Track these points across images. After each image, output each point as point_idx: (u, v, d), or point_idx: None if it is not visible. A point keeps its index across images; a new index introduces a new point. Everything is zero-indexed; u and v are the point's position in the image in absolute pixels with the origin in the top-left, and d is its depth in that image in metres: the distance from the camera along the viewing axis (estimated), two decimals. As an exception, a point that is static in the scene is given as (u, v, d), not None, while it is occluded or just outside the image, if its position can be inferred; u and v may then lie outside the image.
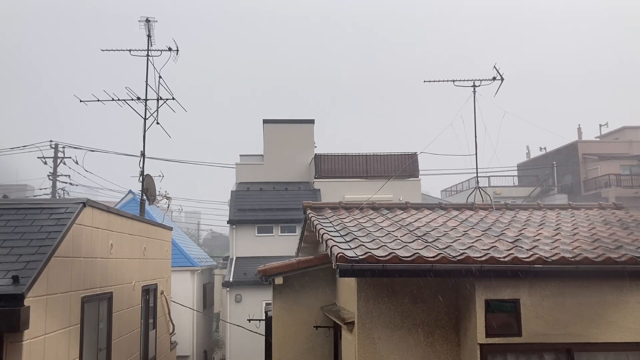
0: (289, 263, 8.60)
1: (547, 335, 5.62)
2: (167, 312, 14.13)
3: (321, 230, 7.14)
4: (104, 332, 8.87)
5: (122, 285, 9.73)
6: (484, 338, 5.57)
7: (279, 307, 8.61)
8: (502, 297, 5.65)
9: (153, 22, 13.93)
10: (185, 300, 18.11)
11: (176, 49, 13.65)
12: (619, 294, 5.73)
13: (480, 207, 9.11)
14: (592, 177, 36.36)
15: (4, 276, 6.04)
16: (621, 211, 9.17)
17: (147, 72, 13.79)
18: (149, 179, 14.31)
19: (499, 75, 10.22)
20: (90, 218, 8.16)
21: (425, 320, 6.12)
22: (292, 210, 21.05)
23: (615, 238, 6.66)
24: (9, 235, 6.93)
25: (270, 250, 20.06)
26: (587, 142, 39.37)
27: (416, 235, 6.66)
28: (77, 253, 7.61)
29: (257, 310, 17.97)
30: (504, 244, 6.19)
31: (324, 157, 23.98)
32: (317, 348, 8.47)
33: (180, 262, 18.89)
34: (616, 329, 5.69)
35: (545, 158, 41.27)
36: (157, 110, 13.77)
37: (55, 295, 6.82)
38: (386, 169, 23.52)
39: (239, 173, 25.46)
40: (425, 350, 6.07)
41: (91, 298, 8.11)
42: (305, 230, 9.62)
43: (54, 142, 26.22)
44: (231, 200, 22.51)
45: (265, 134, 25.91)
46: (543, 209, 9.25)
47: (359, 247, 5.98)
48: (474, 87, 10.37)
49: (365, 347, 5.98)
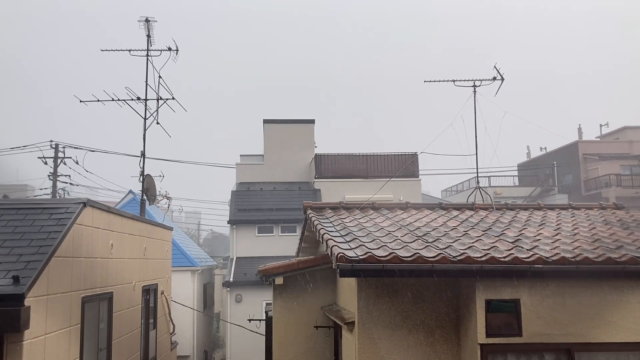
0: (289, 263, 8.61)
1: (548, 335, 5.62)
2: (168, 312, 14.14)
3: (321, 230, 7.14)
4: (104, 332, 8.87)
5: (122, 285, 9.73)
6: (484, 338, 5.57)
7: (279, 307, 8.61)
8: (503, 297, 5.65)
9: (153, 22, 13.93)
10: (186, 300, 18.11)
11: (176, 49, 13.67)
12: (619, 294, 5.73)
13: (481, 207, 9.11)
14: (593, 177, 36.35)
15: (5, 276, 6.04)
16: (622, 211, 9.17)
17: (147, 72, 13.81)
18: (149, 179, 14.32)
19: (499, 75, 10.24)
20: (90, 218, 8.16)
21: (425, 320, 6.12)
22: (293, 210, 21.06)
23: (615, 238, 6.65)
24: (10, 235, 6.93)
25: (270, 251, 20.07)
26: (587, 142, 39.37)
27: (416, 235, 6.66)
28: (77, 253, 7.62)
29: (257, 310, 17.98)
30: (504, 244, 6.19)
31: (324, 157, 23.99)
32: (317, 348, 8.48)
33: (181, 262, 18.89)
34: (616, 329, 5.69)
35: (545, 158, 41.26)
36: (157, 110, 13.79)
37: (55, 295, 6.82)
38: (386, 169, 23.52)
39: (239, 173, 25.46)
40: (426, 350, 6.07)
41: (91, 298, 8.11)
42: (305, 230, 9.62)
43: (54, 142, 26.20)
44: (231, 200, 22.52)
45: (265, 134, 25.92)
46: (543, 209, 9.24)
47: (360, 247, 5.98)
48: (474, 87, 10.38)
49: (366, 347, 5.98)
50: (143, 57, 13.85)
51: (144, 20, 13.90)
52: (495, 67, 10.21)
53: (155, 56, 13.82)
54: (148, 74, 13.77)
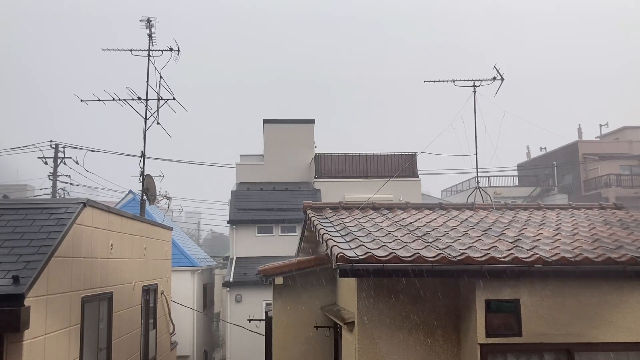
0: (289, 263, 8.61)
1: (547, 335, 5.63)
2: (168, 312, 14.14)
3: (321, 230, 7.14)
4: (104, 332, 8.88)
5: (122, 285, 9.73)
6: (484, 338, 5.58)
7: (279, 307, 8.62)
8: (502, 297, 5.65)
9: (154, 22, 13.94)
10: (186, 300, 18.11)
11: (177, 49, 13.67)
12: (619, 294, 5.74)
13: (481, 207, 9.11)
14: (593, 177, 36.36)
15: (5, 276, 6.04)
16: (621, 211, 9.17)
17: (148, 72, 13.81)
18: (149, 179, 14.32)
19: (499, 75, 10.24)
20: (90, 218, 8.16)
21: (425, 320, 6.12)
22: (292, 210, 21.05)
23: (615, 238, 6.66)
24: (9, 235, 6.93)
25: (270, 250, 20.06)
26: (587, 142, 39.39)
27: (416, 236, 6.66)
28: (77, 253, 7.62)
29: (257, 310, 17.97)
30: (504, 244, 6.19)
31: (324, 157, 23.99)
32: (317, 348, 8.48)
33: (181, 262, 18.89)
34: (616, 329, 5.69)
35: (545, 158, 41.27)
36: (157, 110, 13.79)
37: (55, 295, 6.82)
38: (386, 169, 23.51)
39: (239, 173, 25.47)
40: (426, 350, 6.07)
41: (91, 298, 8.11)
42: (305, 230, 9.62)
43: (54, 142, 26.21)
44: (231, 200, 22.52)
45: (265, 134, 25.92)
46: (543, 209, 9.25)
47: (359, 247, 5.98)
48: (474, 87, 10.39)
49: (366, 347, 5.99)
50: (145, 57, 13.88)
51: (145, 20, 13.92)
52: (495, 67, 10.23)
53: (157, 56, 13.83)
54: (149, 74, 13.80)
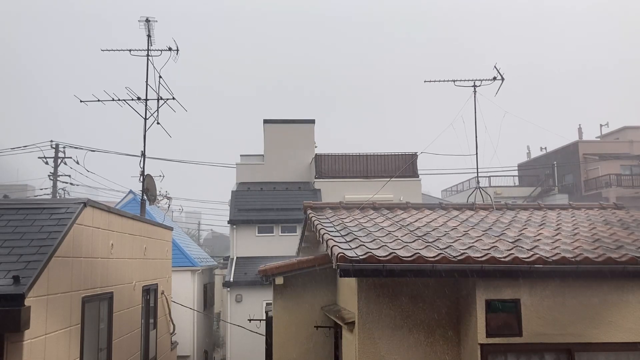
0: (290, 263, 8.61)
1: (548, 335, 5.63)
2: (168, 312, 14.14)
3: (322, 230, 7.14)
4: (105, 332, 8.87)
5: (122, 285, 9.73)
6: (485, 338, 5.58)
7: (279, 307, 8.61)
8: (503, 297, 5.65)
9: (153, 22, 13.94)
10: (186, 300, 18.11)
11: (176, 49, 13.66)
12: (619, 294, 5.73)
13: (481, 207, 9.11)
14: (593, 177, 36.36)
15: (5, 276, 6.04)
16: (622, 211, 9.17)
17: (147, 72, 13.81)
18: (150, 179, 14.32)
19: (500, 75, 10.24)
20: (90, 218, 8.16)
21: (425, 320, 6.12)
22: (293, 210, 21.05)
23: (615, 238, 6.66)
24: (10, 235, 6.93)
25: (270, 250, 20.06)
26: (587, 142, 39.38)
27: (417, 236, 6.66)
28: (77, 253, 7.62)
29: (257, 310, 17.98)
30: (504, 244, 6.19)
31: (324, 157, 23.99)
32: (317, 348, 8.48)
33: (181, 262, 18.89)
34: (617, 329, 5.69)
35: (545, 158, 41.26)
36: (157, 110, 13.79)
37: (55, 295, 6.82)
38: (386, 169, 23.51)
39: (239, 173, 25.47)
40: (426, 350, 6.07)
41: (92, 298, 8.11)
42: (305, 230, 9.63)
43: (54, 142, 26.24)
44: (231, 200, 22.52)
45: (265, 134, 25.92)
46: (543, 209, 9.25)
47: (360, 247, 5.98)
48: (474, 87, 10.39)
49: (366, 346, 5.99)
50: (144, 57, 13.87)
51: (144, 20, 13.91)
52: (496, 67, 10.23)
53: (156, 56, 13.83)
54: (148, 73, 13.79)
